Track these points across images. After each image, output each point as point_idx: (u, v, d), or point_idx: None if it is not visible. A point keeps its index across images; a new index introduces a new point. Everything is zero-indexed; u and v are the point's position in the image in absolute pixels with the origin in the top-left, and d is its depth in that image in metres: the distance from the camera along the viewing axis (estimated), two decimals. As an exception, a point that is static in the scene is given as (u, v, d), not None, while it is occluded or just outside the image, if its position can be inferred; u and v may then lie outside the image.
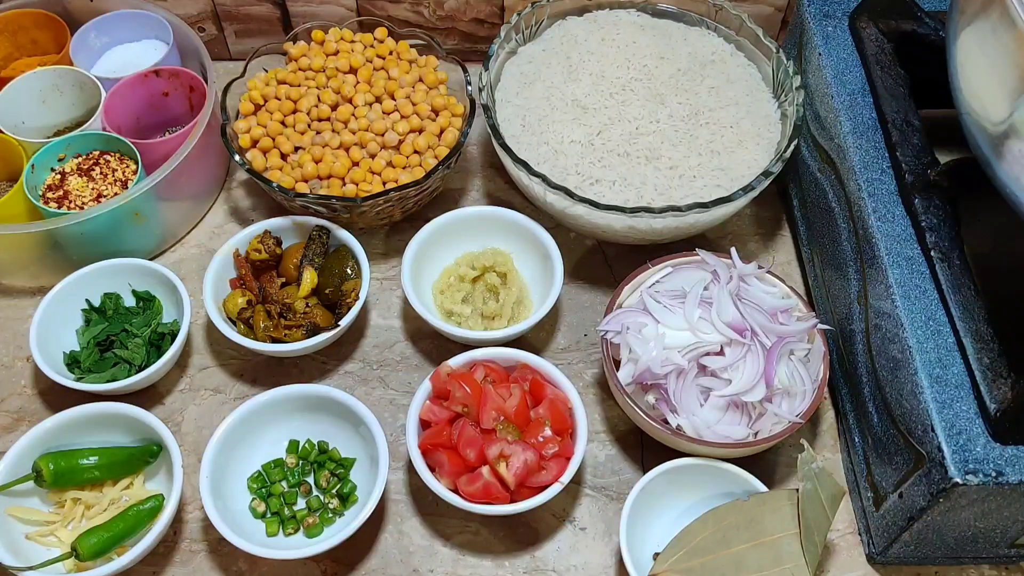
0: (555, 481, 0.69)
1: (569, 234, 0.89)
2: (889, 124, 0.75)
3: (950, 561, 0.71)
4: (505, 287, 0.82)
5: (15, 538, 0.68)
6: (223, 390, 0.80)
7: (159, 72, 0.89)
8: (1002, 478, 0.59)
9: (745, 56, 0.90)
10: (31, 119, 0.88)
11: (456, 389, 0.71)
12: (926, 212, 0.70)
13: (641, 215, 0.76)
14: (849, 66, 0.80)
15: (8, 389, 0.80)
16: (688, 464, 0.70)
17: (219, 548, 0.72)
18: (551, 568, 0.72)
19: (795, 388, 0.70)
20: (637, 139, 0.83)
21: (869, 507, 0.71)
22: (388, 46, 0.90)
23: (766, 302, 0.73)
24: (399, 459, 0.76)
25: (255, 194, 0.93)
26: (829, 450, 0.78)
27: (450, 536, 0.73)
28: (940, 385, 0.63)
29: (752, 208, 0.92)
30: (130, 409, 0.72)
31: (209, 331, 0.81)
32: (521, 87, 0.88)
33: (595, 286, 0.87)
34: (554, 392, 0.73)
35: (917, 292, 0.67)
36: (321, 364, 0.82)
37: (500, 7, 0.98)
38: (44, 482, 0.69)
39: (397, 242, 0.88)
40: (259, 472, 0.73)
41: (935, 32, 0.81)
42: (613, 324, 0.73)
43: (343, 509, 0.72)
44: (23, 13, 0.91)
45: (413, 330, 0.84)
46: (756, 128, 0.85)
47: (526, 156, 0.81)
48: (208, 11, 0.99)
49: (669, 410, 0.70)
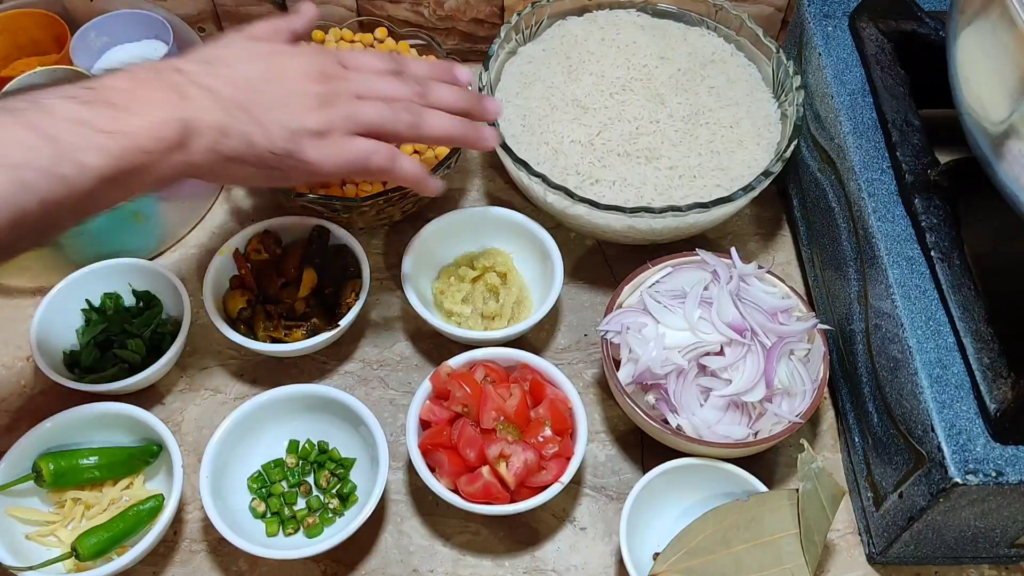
0: (555, 481, 0.69)
1: (569, 234, 0.89)
2: (889, 124, 0.75)
3: (950, 561, 0.71)
4: (505, 287, 0.82)
5: (15, 538, 0.68)
6: (223, 390, 0.80)
7: (159, 72, 0.88)
8: (1002, 478, 0.59)
9: (745, 56, 0.90)
10: (31, 119, 0.88)
11: (456, 389, 0.71)
12: (926, 212, 0.70)
13: (641, 215, 0.76)
14: (849, 66, 0.80)
15: (8, 389, 0.80)
16: (688, 464, 0.70)
17: (219, 548, 0.72)
18: (551, 568, 0.72)
19: (795, 388, 0.70)
20: (637, 139, 0.83)
21: (869, 507, 0.71)
22: (388, 46, 0.90)
23: (766, 302, 0.73)
24: (399, 459, 0.76)
25: (255, 194, 0.93)
26: (829, 450, 0.78)
27: (450, 536, 0.73)
28: (940, 385, 0.63)
29: (752, 208, 0.92)
30: (130, 409, 0.72)
31: (209, 331, 0.81)
32: (521, 87, 0.88)
33: (595, 286, 0.87)
34: (554, 392, 0.73)
35: (917, 292, 0.67)
36: (321, 364, 0.82)
37: (500, 7, 0.98)
38: (44, 482, 0.69)
39: (397, 242, 0.88)
40: (259, 472, 0.73)
41: (935, 32, 0.81)
42: (613, 324, 0.73)
43: (343, 509, 0.72)
44: (23, 13, 0.91)
45: (413, 330, 0.84)
46: (756, 128, 0.85)
47: (526, 156, 0.81)
48: (208, 11, 0.99)
49: (669, 410, 0.70)
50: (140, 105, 0.56)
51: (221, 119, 0.58)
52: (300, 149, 0.62)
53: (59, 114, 0.52)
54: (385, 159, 0.65)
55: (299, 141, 0.62)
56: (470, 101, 0.71)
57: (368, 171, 0.65)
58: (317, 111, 0.62)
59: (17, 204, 0.50)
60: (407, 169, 0.67)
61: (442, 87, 0.69)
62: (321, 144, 0.62)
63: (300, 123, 0.62)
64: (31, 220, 0.51)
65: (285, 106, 0.61)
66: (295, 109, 0.62)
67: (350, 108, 0.64)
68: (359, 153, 0.64)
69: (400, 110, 0.65)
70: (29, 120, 0.52)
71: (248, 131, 0.59)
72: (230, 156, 0.59)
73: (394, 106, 0.65)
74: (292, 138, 0.61)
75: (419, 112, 0.66)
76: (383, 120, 0.65)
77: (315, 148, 0.62)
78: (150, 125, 0.55)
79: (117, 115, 0.54)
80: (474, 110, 0.71)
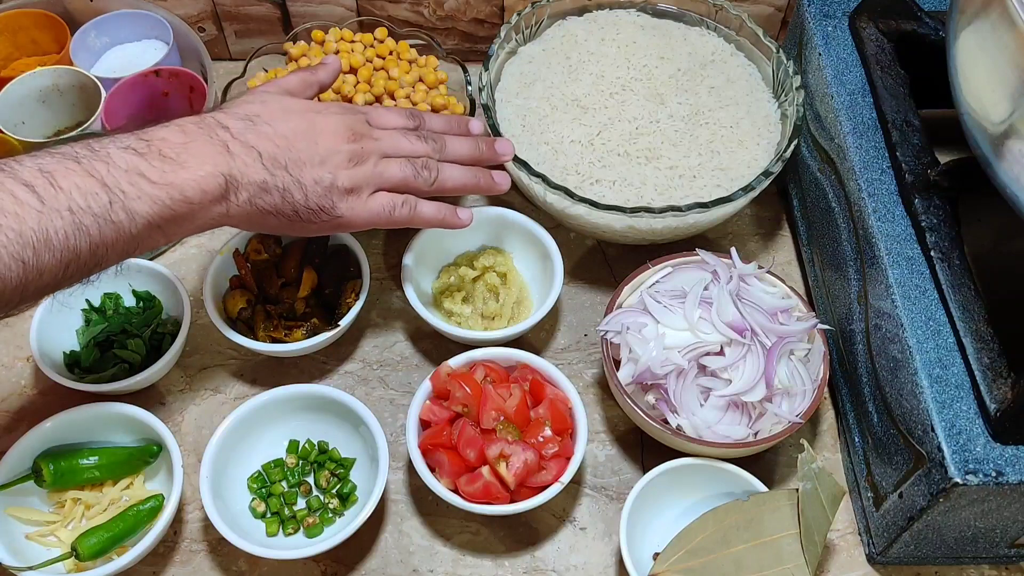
0: (555, 481, 0.69)
1: (569, 234, 0.89)
2: (889, 124, 0.75)
3: (950, 561, 0.71)
4: (505, 287, 0.82)
5: (15, 538, 0.68)
6: (223, 390, 0.80)
7: (159, 72, 0.89)
8: (1002, 478, 0.59)
9: (745, 56, 0.90)
10: (31, 119, 0.88)
11: (456, 389, 0.71)
12: (926, 212, 0.70)
13: (641, 215, 0.76)
14: (849, 66, 0.80)
15: (8, 389, 0.80)
16: (688, 464, 0.70)
17: (219, 548, 0.72)
18: (551, 568, 0.72)
19: (795, 388, 0.70)
20: (637, 139, 0.83)
21: (869, 507, 0.71)
22: (388, 46, 0.90)
23: (766, 302, 0.73)
24: (399, 459, 0.76)
25: (255, 194, 0.93)
26: (829, 450, 0.78)
27: (450, 536, 0.73)
28: (940, 385, 0.63)
29: (752, 208, 0.92)
30: (130, 409, 0.72)
31: (209, 331, 0.81)
32: (521, 87, 0.88)
33: (595, 286, 0.87)
34: (554, 392, 0.73)
35: (917, 292, 0.67)
36: (321, 364, 0.82)
37: (500, 7, 0.98)
38: (44, 482, 0.69)
39: (397, 242, 0.88)
40: (259, 472, 0.73)
41: (935, 32, 0.81)
42: (613, 324, 0.73)
43: (343, 509, 0.72)
44: (23, 13, 0.91)
45: (413, 330, 0.84)
46: (756, 128, 0.85)
47: (526, 156, 0.81)
48: (208, 11, 0.99)
49: (669, 410, 0.70)
50: (189, 158, 0.60)
51: (262, 175, 0.63)
52: (332, 205, 0.67)
53: (116, 163, 0.57)
54: (407, 210, 0.71)
55: (331, 197, 0.66)
56: (484, 152, 0.76)
57: (392, 222, 0.71)
58: (349, 169, 0.67)
59: (74, 246, 0.54)
60: (429, 214, 0.72)
61: (457, 141, 0.75)
62: (351, 199, 0.68)
63: (333, 180, 0.66)
64: (82, 260, 0.55)
65: (321, 164, 0.66)
66: (329, 167, 0.66)
67: (378, 167, 0.69)
68: (384, 208, 0.69)
69: (421, 167, 0.71)
70: (90, 168, 0.56)
71: (286, 187, 0.64)
72: (267, 210, 0.64)
73: (415, 163, 0.71)
74: (326, 194, 0.66)
75: (437, 168, 0.72)
76: (406, 178, 0.70)
77: (345, 203, 0.67)
78: (197, 178, 0.60)
79: (168, 168, 0.59)
80: (487, 158, 0.77)
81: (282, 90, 0.70)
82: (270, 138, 0.64)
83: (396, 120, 0.73)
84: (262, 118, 0.65)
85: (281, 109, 0.67)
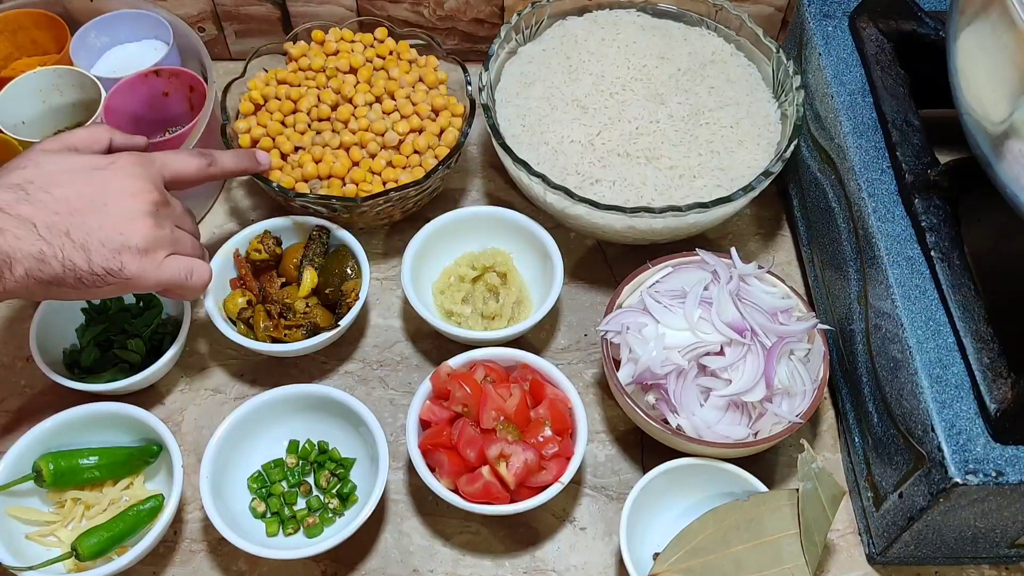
0: (555, 481, 0.69)
1: (569, 234, 0.89)
2: (889, 124, 0.75)
3: (950, 561, 0.71)
4: (505, 287, 0.82)
5: (15, 538, 0.68)
6: (223, 390, 0.80)
7: (159, 72, 0.88)
8: (1002, 478, 0.59)
9: (745, 56, 0.90)
10: (31, 119, 0.88)
11: (456, 389, 0.71)
12: (926, 212, 0.70)
13: (641, 215, 0.76)
14: (849, 66, 0.80)
15: (8, 389, 0.80)
16: (688, 464, 0.70)
17: (219, 548, 0.72)
18: (551, 568, 0.72)
19: (795, 388, 0.70)
20: (637, 139, 0.83)
21: (869, 507, 0.71)
22: (388, 46, 0.90)
23: (766, 302, 0.73)
24: (399, 459, 0.76)
25: (255, 194, 0.93)
26: (829, 450, 0.78)
27: (450, 536, 0.73)
28: (940, 385, 0.63)
29: (752, 208, 0.92)
30: (130, 409, 0.72)
31: (209, 331, 0.81)
32: (521, 87, 0.88)
33: (595, 286, 0.87)
34: (554, 392, 0.73)
35: (917, 292, 0.67)
36: (321, 364, 0.82)
37: (500, 7, 0.98)
38: (44, 482, 0.69)
39: (397, 242, 0.88)
40: (259, 472, 0.73)
41: (935, 32, 0.81)
42: (613, 324, 0.73)
43: (343, 509, 0.72)
44: (23, 13, 0.91)
45: (413, 330, 0.84)
46: (756, 128, 0.85)
47: (526, 156, 0.81)
48: (208, 11, 0.99)
49: (669, 410, 0.70)
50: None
51: (38, 246, 0.60)
52: (121, 266, 0.63)
53: None
54: (203, 277, 0.69)
55: (120, 259, 0.63)
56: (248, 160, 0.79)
57: (184, 288, 0.68)
58: (143, 230, 0.64)
59: None
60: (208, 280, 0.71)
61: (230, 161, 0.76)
62: (143, 260, 0.64)
63: (124, 241, 0.63)
64: None
65: (110, 227, 0.63)
66: (120, 228, 0.63)
67: (175, 232, 0.67)
68: (180, 272, 0.67)
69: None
70: None
71: (67, 256, 0.61)
72: (48, 280, 0.61)
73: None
74: (113, 257, 0.63)
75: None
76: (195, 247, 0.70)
77: (136, 264, 0.64)
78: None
79: None
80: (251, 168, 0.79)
81: (64, 147, 0.66)
82: (47, 205, 0.60)
83: (188, 165, 0.71)
84: (36, 184, 0.61)
85: (60, 171, 0.63)
